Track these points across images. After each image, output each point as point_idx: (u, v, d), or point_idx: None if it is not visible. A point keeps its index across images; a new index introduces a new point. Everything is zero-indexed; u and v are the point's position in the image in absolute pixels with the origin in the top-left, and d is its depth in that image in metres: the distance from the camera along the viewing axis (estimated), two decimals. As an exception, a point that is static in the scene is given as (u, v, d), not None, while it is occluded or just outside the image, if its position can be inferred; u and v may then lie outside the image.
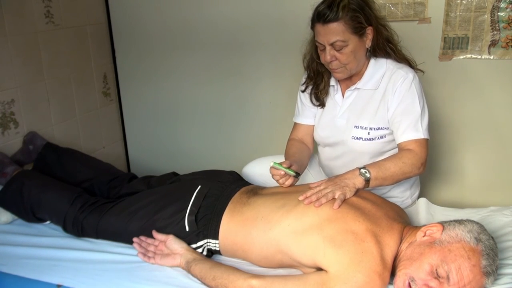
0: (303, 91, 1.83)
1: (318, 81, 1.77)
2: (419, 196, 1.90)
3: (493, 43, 2.01)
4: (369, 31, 1.60)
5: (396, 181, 1.59)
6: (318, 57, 1.68)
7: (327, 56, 1.60)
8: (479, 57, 2.05)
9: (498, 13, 1.97)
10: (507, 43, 1.99)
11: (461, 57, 2.08)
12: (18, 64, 2.17)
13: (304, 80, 1.82)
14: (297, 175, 1.59)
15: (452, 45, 2.07)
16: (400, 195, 1.81)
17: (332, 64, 1.62)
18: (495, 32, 2.00)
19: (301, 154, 1.78)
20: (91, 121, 2.64)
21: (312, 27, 1.62)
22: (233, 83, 2.54)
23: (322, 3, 1.58)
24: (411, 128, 1.60)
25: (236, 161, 2.26)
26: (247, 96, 2.54)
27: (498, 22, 1.98)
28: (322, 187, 1.48)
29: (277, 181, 1.59)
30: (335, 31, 1.55)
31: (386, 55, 1.67)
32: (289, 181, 1.58)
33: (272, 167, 1.57)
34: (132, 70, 2.73)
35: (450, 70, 2.11)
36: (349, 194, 1.46)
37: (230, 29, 2.43)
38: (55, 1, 2.31)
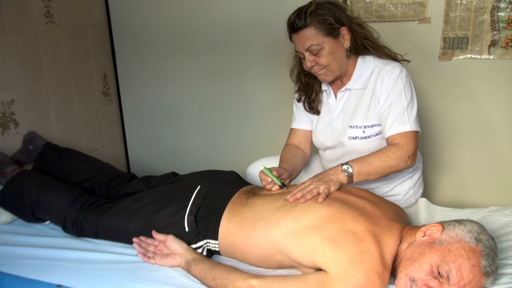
0: (298, 101, 1.87)
1: (309, 92, 1.81)
2: (423, 195, 1.90)
3: (493, 43, 2.01)
4: (344, 31, 1.63)
5: (383, 175, 1.60)
6: (304, 69, 1.72)
7: (307, 62, 1.65)
8: (479, 57, 2.05)
9: (498, 13, 1.97)
10: (507, 43, 1.99)
11: (461, 57, 2.08)
12: (18, 64, 2.17)
13: (296, 91, 1.87)
14: (283, 186, 1.59)
15: (452, 45, 2.07)
16: (403, 194, 1.82)
17: (314, 69, 1.67)
18: (495, 32, 2.00)
19: (295, 159, 1.80)
20: (91, 121, 2.64)
21: (290, 38, 1.67)
22: (233, 83, 2.54)
23: (292, 13, 1.64)
24: (398, 122, 1.61)
25: (236, 161, 2.26)
26: (247, 96, 2.54)
27: (498, 22, 1.98)
28: (307, 184, 1.51)
29: (264, 186, 1.62)
30: (307, 37, 1.60)
31: (367, 51, 1.70)
32: (275, 187, 1.60)
33: (261, 172, 1.59)
34: (132, 70, 2.73)
35: (450, 70, 2.11)
36: (333, 188, 1.50)
37: (230, 29, 2.43)
38: (55, 1, 2.32)
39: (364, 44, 1.68)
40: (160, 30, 2.58)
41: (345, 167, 1.55)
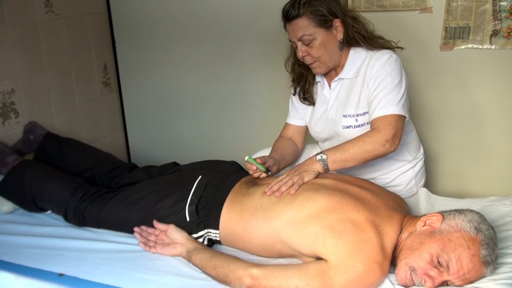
0: (294, 94, 1.88)
1: (302, 83, 1.83)
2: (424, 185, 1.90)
3: (495, 33, 2.00)
4: (337, 23, 1.63)
5: (363, 161, 1.58)
6: (299, 59, 1.73)
7: (299, 52, 1.66)
8: (481, 47, 2.04)
9: (500, 3, 1.96)
10: (508, 33, 1.98)
11: (463, 47, 2.07)
12: (18, 54, 2.16)
13: (292, 84, 1.88)
14: (267, 171, 1.63)
15: (454, 35, 2.06)
16: (405, 185, 1.83)
17: (305, 60, 1.68)
18: (496, 22, 1.99)
19: (284, 150, 1.84)
20: (92, 111, 2.64)
21: (285, 27, 1.69)
22: (234, 73, 2.53)
23: (287, 3, 1.65)
24: (379, 106, 1.60)
25: (237, 151, 2.26)
26: (248, 86, 2.53)
27: (499, 11, 1.97)
28: (283, 176, 1.54)
29: (251, 174, 1.65)
30: (300, 27, 1.61)
31: (359, 44, 1.69)
32: (263, 175, 1.64)
33: (246, 162, 1.62)
34: (132, 60, 2.72)
35: (451, 60, 2.10)
36: (307, 178, 1.52)
37: (231, 19, 2.42)
38: (54, -10, 2.31)
39: (355, 37, 1.67)
40: (160, 20, 2.56)
41: (319, 156, 1.56)
